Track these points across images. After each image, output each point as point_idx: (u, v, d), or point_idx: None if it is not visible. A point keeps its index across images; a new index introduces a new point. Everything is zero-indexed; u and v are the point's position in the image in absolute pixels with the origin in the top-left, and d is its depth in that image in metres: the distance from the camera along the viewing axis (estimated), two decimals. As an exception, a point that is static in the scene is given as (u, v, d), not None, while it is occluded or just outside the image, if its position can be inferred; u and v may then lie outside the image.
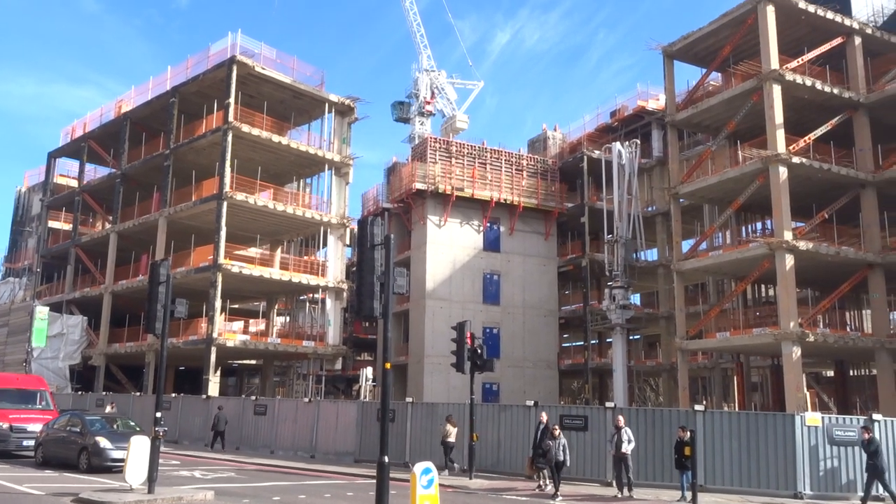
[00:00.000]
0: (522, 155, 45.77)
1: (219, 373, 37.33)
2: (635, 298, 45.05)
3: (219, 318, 35.67)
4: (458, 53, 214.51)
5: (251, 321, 44.61)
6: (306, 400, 29.16)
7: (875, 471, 16.50)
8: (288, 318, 46.40)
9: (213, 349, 34.75)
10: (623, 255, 35.64)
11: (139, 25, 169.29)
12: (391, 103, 75.04)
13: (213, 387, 35.25)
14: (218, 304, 35.22)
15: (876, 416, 18.25)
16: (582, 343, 45.20)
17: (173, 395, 34.27)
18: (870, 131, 31.54)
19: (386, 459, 11.56)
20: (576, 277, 46.01)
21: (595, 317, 41.71)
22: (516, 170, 44.46)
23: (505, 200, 43.07)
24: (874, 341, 30.17)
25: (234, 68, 36.49)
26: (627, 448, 17.45)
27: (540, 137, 50.95)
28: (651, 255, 45.14)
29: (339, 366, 44.18)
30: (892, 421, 18.32)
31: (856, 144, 31.63)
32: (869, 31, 32.42)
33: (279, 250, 43.81)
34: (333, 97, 40.59)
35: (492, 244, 43.36)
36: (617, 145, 37.52)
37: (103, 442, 18.97)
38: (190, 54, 51.15)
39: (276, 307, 45.69)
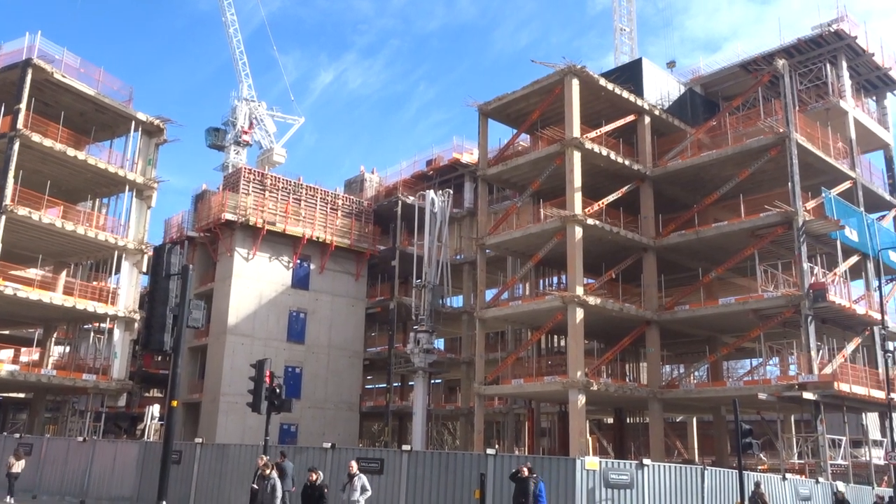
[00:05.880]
0: (339, 195, 45.74)
1: (-23, 407, 33.06)
2: (439, 343, 46.08)
3: (-17, 345, 31.75)
4: (281, 87, 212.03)
5: (23, 349, 40.15)
6: (80, 439, 26.56)
7: None
8: (68, 348, 42.27)
9: (-27, 380, 30.79)
10: (430, 301, 36.39)
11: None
12: (206, 129, 72.26)
13: (-31, 423, 31.12)
14: (-16, 328, 31.39)
15: (646, 461, 19.84)
16: (385, 385, 45.33)
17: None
18: (653, 201, 34.96)
19: (164, 505, 10.78)
20: (383, 320, 46.29)
21: (399, 360, 42.03)
22: (331, 209, 44.30)
23: (317, 238, 42.67)
24: (648, 392, 33.01)
25: (30, 72, 33.33)
26: (360, 498, 16.39)
27: (357, 179, 51.31)
28: (457, 301, 46.57)
29: (123, 402, 40.75)
30: (657, 465, 20.03)
31: (641, 212, 34.89)
32: (657, 112, 36.18)
33: (64, 273, 40.03)
34: (141, 115, 38.23)
35: (301, 281, 42.62)
36: (431, 193, 38.59)
37: None
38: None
39: (55, 335, 41.54)
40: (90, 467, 24.34)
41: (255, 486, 16.27)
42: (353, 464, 17.09)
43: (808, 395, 27.88)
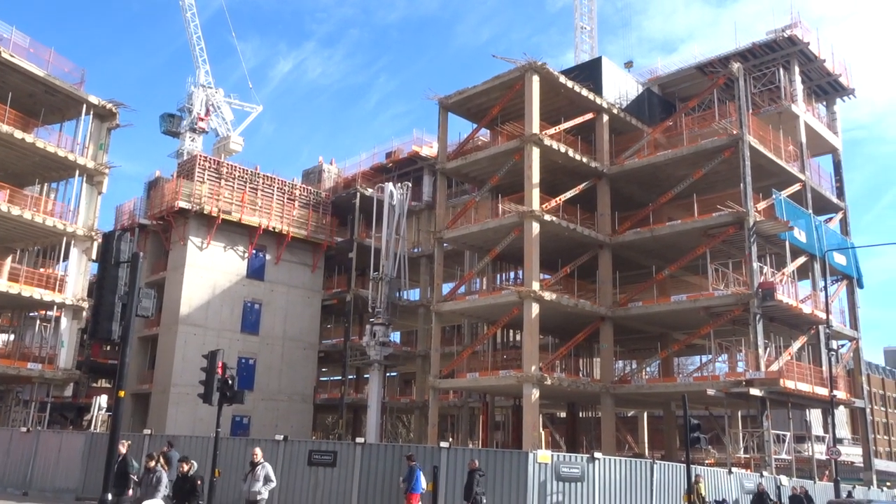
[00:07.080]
0: (296, 185, 45.27)
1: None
2: (395, 336, 45.99)
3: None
4: (239, 74, 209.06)
5: (-35, 337, 38.88)
6: (24, 429, 25.87)
7: None
8: (12, 336, 41.08)
9: (-89, 368, 29.72)
10: (387, 293, 36.28)
11: None
12: (161, 114, 70.84)
13: None
14: (-77, 315, 30.31)
15: (597, 455, 20.12)
16: (340, 378, 45.11)
17: None
18: (610, 199, 35.38)
19: (109, 497, 10.54)
20: (339, 312, 46.01)
21: (355, 352, 41.89)
22: (288, 199, 43.83)
23: (274, 228, 42.19)
24: (601, 387, 33.46)
25: (-25, 50, 32.25)
26: (262, 489, 15.15)
27: (315, 169, 50.85)
28: (414, 294, 46.51)
29: (70, 392, 39.79)
30: (608, 459, 20.33)
31: (598, 209, 35.29)
32: (615, 111, 36.59)
33: (9, 259, 38.84)
34: (94, 98, 37.24)
35: (256, 272, 42.11)
36: (389, 186, 38.44)
37: None
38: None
39: (-1, 323, 40.33)
40: (34, 459, 23.74)
41: (134, 477, 15.45)
42: (258, 451, 15.99)
43: (754, 392, 28.57)
